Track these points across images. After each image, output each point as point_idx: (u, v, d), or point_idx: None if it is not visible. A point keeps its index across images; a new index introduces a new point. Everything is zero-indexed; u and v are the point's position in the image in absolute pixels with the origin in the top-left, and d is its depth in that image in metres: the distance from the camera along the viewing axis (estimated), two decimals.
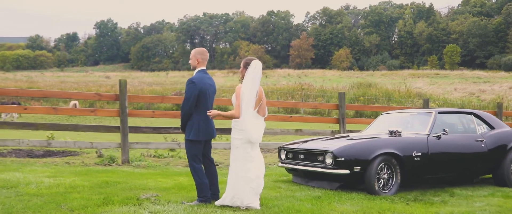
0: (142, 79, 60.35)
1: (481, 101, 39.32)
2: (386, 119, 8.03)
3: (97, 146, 9.03)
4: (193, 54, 5.75)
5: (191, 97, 5.52)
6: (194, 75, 5.67)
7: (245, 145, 5.38)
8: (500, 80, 63.32)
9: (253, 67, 5.44)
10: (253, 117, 5.37)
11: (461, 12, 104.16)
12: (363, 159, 6.39)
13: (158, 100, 10.10)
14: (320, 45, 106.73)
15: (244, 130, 5.33)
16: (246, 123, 5.31)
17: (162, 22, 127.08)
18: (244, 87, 5.39)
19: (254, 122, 5.37)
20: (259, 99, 5.47)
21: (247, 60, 5.58)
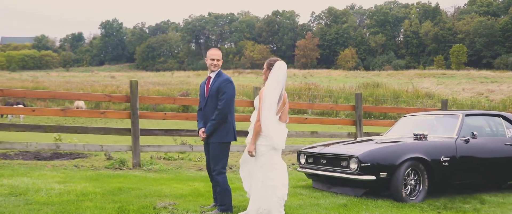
0: (148, 79, 60.11)
1: (491, 102, 38.90)
2: (408, 121, 7.69)
3: (107, 149, 8.74)
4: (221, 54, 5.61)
5: (233, 98, 5.44)
6: (225, 75, 5.48)
7: (270, 152, 5.03)
8: (508, 80, 62.79)
9: (277, 69, 5.10)
10: (276, 122, 5.03)
11: (467, 12, 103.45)
12: (389, 164, 6.05)
13: (170, 101, 9.79)
14: (326, 45, 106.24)
15: (266, 135, 4.99)
16: (268, 128, 4.97)
17: (167, 22, 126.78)
18: (267, 90, 5.05)
19: (277, 127, 5.04)
20: (283, 104, 5.14)
21: (271, 61, 5.26)
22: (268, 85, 5.09)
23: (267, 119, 4.96)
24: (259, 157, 5.06)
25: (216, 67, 5.48)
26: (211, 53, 5.52)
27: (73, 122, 22.28)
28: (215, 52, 5.55)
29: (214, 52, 5.55)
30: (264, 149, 5.04)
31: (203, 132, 5.35)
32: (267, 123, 4.96)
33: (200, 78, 62.64)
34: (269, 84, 5.08)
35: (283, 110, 5.14)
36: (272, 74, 5.10)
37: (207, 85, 5.48)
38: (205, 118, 5.43)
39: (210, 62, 5.50)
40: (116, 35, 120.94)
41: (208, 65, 5.53)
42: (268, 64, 5.24)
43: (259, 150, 5.08)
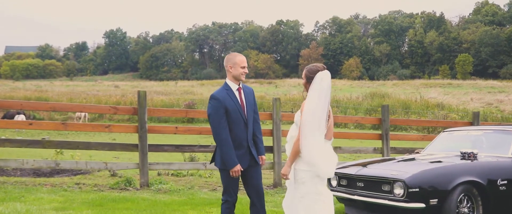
0: (151, 88, 59.41)
1: (502, 112, 38.03)
2: (450, 137, 6.85)
3: (112, 167, 7.93)
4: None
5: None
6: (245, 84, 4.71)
7: (314, 179, 4.17)
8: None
9: (319, 81, 4.26)
10: (321, 145, 4.18)
11: (472, 21, 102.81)
12: (441, 189, 5.20)
13: (182, 114, 8.98)
14: (330, 55, 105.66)
15: (309, 161, 4.14)
16: (312, 154, 4.10)
17: (171, 32, 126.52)
18: (307, 108, 4.20)
19: (322, 152, 4.17)
20: (331, 121, 4.31)
21: (310, 71, 4.37)
22: (308, 103, 4.23)
23: (309, 142, 4.11)
24: (299, 185, 4.19)
25: (244, 76, 4.65)
26: (242, 60, 4.68)
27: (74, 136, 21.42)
28: (245, 59, 4.74)
29: (245, 59, 4.74)
30: (305, 175, 4.18)
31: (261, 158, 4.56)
32: (309, 147, 4.11)
33: (204, 88, 61.80)
34: (310, 102, 4.22)
35: (328, 127, 4.31)
36: (313, 88, 4.26)
37: (241, 98, 4.61)
38: (252, 136, 4.60)
39: (241, 71, 4.64)
40: (120, 44, 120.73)
41: (237, 74, 4.62)
42: (307, 76, 4.38)
43: (299, 177, 4.21)
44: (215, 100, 4.48)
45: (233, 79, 4.63)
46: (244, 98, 4.60)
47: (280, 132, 8.58)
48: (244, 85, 4.70)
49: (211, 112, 4.45)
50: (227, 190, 4.52)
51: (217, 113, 4.43)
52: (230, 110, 4.49)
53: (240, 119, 4.51)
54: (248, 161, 4.52)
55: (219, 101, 4.47)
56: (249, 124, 4.54)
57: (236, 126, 4.48)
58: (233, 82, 4.63)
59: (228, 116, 4.45)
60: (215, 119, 4.42)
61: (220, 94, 4.53)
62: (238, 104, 4.54)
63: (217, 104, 4.45)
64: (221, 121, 4.41)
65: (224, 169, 4.49)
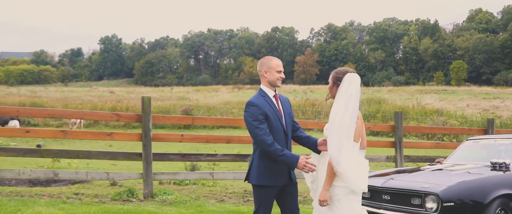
0: (147, 94, 58.85)
1: (499, 118, 37.86)
2: (475, 146, 6.46)
3: (114, 177, 7.48)
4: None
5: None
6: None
7: (349, 196, 3.77)
8: (510, 96, 62.09)
9: (347, 84, 3.83)
10: (352, 155, 3.75)
11: (466, 29, 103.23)
12: (477, 203, 4.80)
13: (188, 121, 8.54)
14: (325, 61, 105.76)
15: (341, 174, 3.72)
16: (343, 167, 3.69)
17: (167, 38, 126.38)
18: (334, 112, 3.79)
19: (354, 163, 3.75)
20: (360, 126, 3.90)
21: (338, 73, 3.96)
22: (335, 108, 3.81)
23: (338, 154, 3.69)
24: (334, 203, 3.78)
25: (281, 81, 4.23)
26: (277, 64, 4.21)
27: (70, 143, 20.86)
28: (280, 62, 4.26)
29: (280, 62, 4.26)
30: (340, 192, 3.76)
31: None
32: (339, 160, 3.70)
33: (200, 94, 61.38)
34: (337, 107, 3.80)
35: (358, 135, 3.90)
36: (340, 92, 3.83)
37: (278, 105, 4.16)
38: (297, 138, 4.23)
39: (277, 76, 4.19)
40: (115, 50, 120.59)
41: (273, 80, 4.18)
42: (335, 78, 3.95)
43: (333, 193, 3.79)
44: (254, 106, 4.02)
45: (269, 85, 4.19)
46: (281, 106, 4.16)
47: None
48: (281, 95, 4.29)
49: (251, 119, 3.99)
50: (258, 210, 4.04)
51: (257, 119, 3.97)
52: (270, 117, 4.03)
53: (280, 128, 4.06)
54: (287, 176, 4.08)
55: (259, 107, 4.00)
56: (289, 134, 4.11)
57: (276, 135, 4.02)
58: (269, 89, 4.18)
59: (268, 123, 4.00)
60: (257, 126, 3.95)
61: (258, 100, 4.08)
62: (277, 112, 4.10)
63: (256, 111, 3.99)
64: (264, 127, 3.95)
65: (259, 186, 4.04)
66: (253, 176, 4.07)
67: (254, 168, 4.07)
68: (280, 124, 4.06)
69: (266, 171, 3.99)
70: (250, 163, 4.18)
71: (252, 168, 4.10)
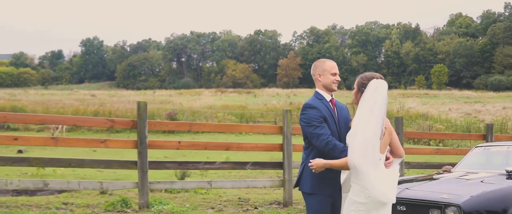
0: (129, 97, 58.25)
1: (481, 122, 38.19)
2: (486, 153, 6.29)
3: (108, 187, 7.15)
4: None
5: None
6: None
7: (373, 212, 3.52)
8: (490, 100, 63.00)
9: (372, 90, 3.59)
10: (377, 167, 3.51)
11: (447, 33, 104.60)
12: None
13: (186, 127, 8.24)
14: (308, 65, 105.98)
15: (365, 185, 3.49)
16: (366, 174, 3.46)
17: (149, 40, 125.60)
18: (358, 119, 3.55)
19: (379, 174, 3.49)
20: (388, 135, 3.66)
21: (363, 79, 3.71)
22: (359, 114, 3.57)
23: (361, 160, 3.46)
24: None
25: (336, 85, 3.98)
26: (332, 66, 3.94)
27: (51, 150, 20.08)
28: (335, 64, 4.00)
29: (335, 64, 3.99)
30: (362, 208, 3.51)
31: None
32: (361, 166, 3.46)
33: (183, 98, 60.79)
34: (361, 113, 3.56)
35: (391, 143, 3.66)
36: (365, 98, 3.58)
37: (335, 111, 3.91)
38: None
39: (332, 79, 3.92)
40: (96, 53, 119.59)
41: (328, 83, 3.91)
42: (360, 84, 3.70)
43: (354, 208, 3.56)
44: (313, 108, 3.77)
45: (324, 89, 3.93)
46: (337, 112, 3.92)
47: (291, 147, 7.94)
48: (337, 100, 4.04)
49: (309, 122, 3.74)
50: None
51: (316, 120, 3.72)
52: (329, 121, 3.79)
53: (336, 134, 3.80)
54: (339, 188, 3.83)
55: (318, 110, 3.76)
56: (343, 142, 3.86)
57: None
58: (325, 92, 3.94)
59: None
60: (317, 125, 3.71)
61: (316, 102, 3.83)
62: (335, 117, 3.86)
63: (316, 113, 3.75)
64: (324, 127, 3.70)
65: (313, 194, 3.78)
66: (306, 183, 3.80)
67: (307, 175, 3.81)
68: (336, 130, 3.81)
69: (321, 178, 3.74)
70: (301, 169, 3.91)
71: (304, 175, 3.84)
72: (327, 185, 3.74)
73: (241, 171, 11.49)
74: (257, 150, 8.09)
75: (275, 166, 7.98)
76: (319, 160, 3.62)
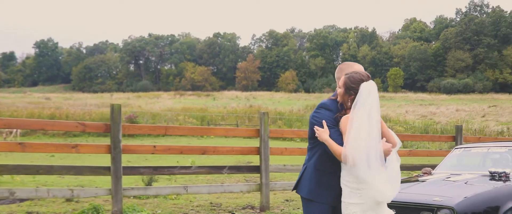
0: (86, 100, 56.84)
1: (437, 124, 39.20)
2: (467, 154, 6.31)
3: (79, 194, 6.79)
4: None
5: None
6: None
7: (369, 213, 3.39)
8: (444, 102, 64.96)
9: (366, 94, 3.40)
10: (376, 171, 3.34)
11: (402, 37, 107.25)
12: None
13: (161, 130, 7.93)
14: (266, 68, 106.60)
15: (361, 185, 3.35)
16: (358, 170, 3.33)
17: (106, 43, 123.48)
18: (357, 127, 3.33)
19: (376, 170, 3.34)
20: None
21: (353, 80, 3.47)
22: (355, 121, 3.36)
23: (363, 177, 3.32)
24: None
25: None
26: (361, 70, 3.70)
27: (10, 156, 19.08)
28: (362, 68, 3.77)
29: (362, 68, 3.77)
30: (357, 210, 3.39)
31: None
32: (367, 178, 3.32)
33: (141, 101, 59.79)
34: (358, 120, 3.34)
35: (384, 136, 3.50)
36: (361, 104, 3.37)
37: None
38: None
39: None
40: (51, 55, 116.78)
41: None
42: (348, 87, 3.48)
43: (348, 211, 3.42)
44: (328, 110, 3.58)
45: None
46: None
47: (268, 150, 7.78)
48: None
49: (319, 122, 3.54)
50: None
51: (330, 123, 3.51)
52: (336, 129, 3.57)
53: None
54: (339, 195, 3.65)
55: (333, 112, 3.57)
56: None
57: None
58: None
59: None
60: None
61: (332, 105, 3.62)
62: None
63: (329, 115, 3.55)
64: (335, 132, 3.50)
65: (312, 201, 3.61)
66: (304, 187, 3.63)
67: (306, 179, 3.64)
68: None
69: (319, 184, 3.57)
70: (301, 171, 3.73)
71: (303, 178, 3.66)
72: (326, 192, 3.56)
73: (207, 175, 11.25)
74: (233, 153, 7.90)
75: (252, 169, 7.81)
76: (324, 133, 3.44)
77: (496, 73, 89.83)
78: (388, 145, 3.46)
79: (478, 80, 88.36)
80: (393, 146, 3.49)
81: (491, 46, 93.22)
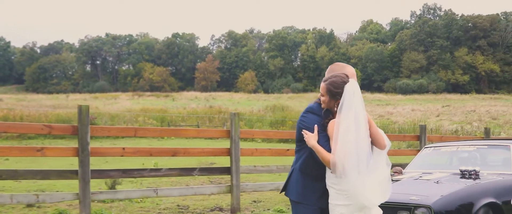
0: (40, 101, 55.23)
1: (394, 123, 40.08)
2: (436, 153, 6.44)
3: (45, 199, 6.54)
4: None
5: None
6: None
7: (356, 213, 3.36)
8: (400, 102, 66.50)
9: (351, 95, 3.35)
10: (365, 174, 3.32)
11: (359, 38, 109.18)
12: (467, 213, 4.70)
13: (130, 133, 7.74)
14: (226, 68, 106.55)
15: (347, 190, 3.32)
16: (348, 177, 3.29)
17: (61, 42, 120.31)
18: (344, 131, 3.29)
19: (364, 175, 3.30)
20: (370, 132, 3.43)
21: (335, 85, 3.41)
22: (344, 132, 3.29)
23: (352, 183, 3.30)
24: None
25: None
26: (353, 73, 3.64)
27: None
28: (354, 71, 3.70)
29: (354, 71, 3.69)
30: (344, 211, 3.37)
31: None
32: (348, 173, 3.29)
33: (99, 102, 58.49)
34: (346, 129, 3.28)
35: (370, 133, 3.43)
36: (346, 107, 3.33)
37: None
38: None
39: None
40: (3, 54, 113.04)
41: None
42: (332, 93, 3.42)
43: (336, 212, 3.39)
44: (315, 115, 3.51)
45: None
46: None
47: (238, 151, 7.73)
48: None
49: (310, 127, 3.47)
50: None
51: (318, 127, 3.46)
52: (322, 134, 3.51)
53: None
54: (327, 197, 3.62)
55: (320, 117, 3.50)
56: None
57: None
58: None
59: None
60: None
61: (319, 109, 3.55)
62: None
63: (317, 120, 3.49)
64: (322, 137, 3.43)
65: (301, 203, 3.56)
66: (292, 190, 3.59)
67: (293, 182, 3.60)
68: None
69: (306, 187, 3.54)
70: (289, 174, 3.69)
71: (291, 181, 3.63)
72: (314, 194, 3.54)
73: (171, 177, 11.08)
74: (204, 155, 7.82)
75: (223, 171, 7.75)
76: (312, 138, 3.40)
77: (448, 74, 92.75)
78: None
79: (432, 81, 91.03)
80: (381, 147, 3.45)
81: (443, 48, 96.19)
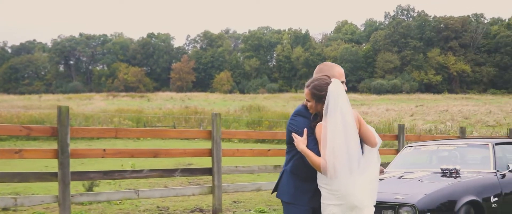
0: (12, 102, 54.13)
1: (369, 123, 40.44)
2: (417, 153, 6.53)
3: (24, 202, 6.41)
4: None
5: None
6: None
7: (348, 212, 3.34)
8: (375, 102, 67.26)
9: (335, 96, 3.32)
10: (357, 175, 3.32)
11: (334, 39, 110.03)
12: (448, 212, 4.77)
13: (111, 134, 7.64)
14: (201, 68, 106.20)
15: (338, 190, 3.30)
16: (340, 178, 3.27)
17: (33, 42, 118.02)
18: (332, 133, 3.27)
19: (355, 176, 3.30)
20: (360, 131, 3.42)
21: (318, 88, 3.38)
22: (332, 137, 3.26)
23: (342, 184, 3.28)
24: None
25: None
26: (341, 73, 3.63)
27: None
28: (343, 71, 3.69)
29: (343, 71, 3.68)
30: (336, 211, 3.36)
31: None
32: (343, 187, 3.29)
33: (72, 102, 57.64)
34: (334, 134, 3.26)
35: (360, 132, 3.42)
36: (332, 108, 3.30)
37: None
38: None
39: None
40: None
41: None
42: (317, 96, 3.38)
43: (327, 212, 3.39)
44: (304, 117, 3.48)
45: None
46: None
47: (220, 152, 7.71)
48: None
49: (299, 130, 3.45)
50: None
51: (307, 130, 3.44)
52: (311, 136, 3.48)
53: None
54: (319, 197, 3.61)
55: (309, 119, 3.47)
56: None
57: None
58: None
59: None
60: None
61: (308, 112, 3.51)
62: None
63: (306, 123, 3.46)
64: (311, 139, 3.40)
65: (292, 204, 3.56)
66: (283, 191, 3.57)
67: (284, 183, 3.59)
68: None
69: (297, 188, 3.53)
70: (280, 175, 3.68)
71: (282, 182, 3.61)
72: (305, 195, 3.53)
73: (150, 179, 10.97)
74: (185, 156, 7.77)
75: (204, 172, 7.72)
76: (301, 142, 3.37)
77: (421, 74, 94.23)
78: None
79: (406, 81, 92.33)
80: (372, 145, 3.46)
81: (417, 49, 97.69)
